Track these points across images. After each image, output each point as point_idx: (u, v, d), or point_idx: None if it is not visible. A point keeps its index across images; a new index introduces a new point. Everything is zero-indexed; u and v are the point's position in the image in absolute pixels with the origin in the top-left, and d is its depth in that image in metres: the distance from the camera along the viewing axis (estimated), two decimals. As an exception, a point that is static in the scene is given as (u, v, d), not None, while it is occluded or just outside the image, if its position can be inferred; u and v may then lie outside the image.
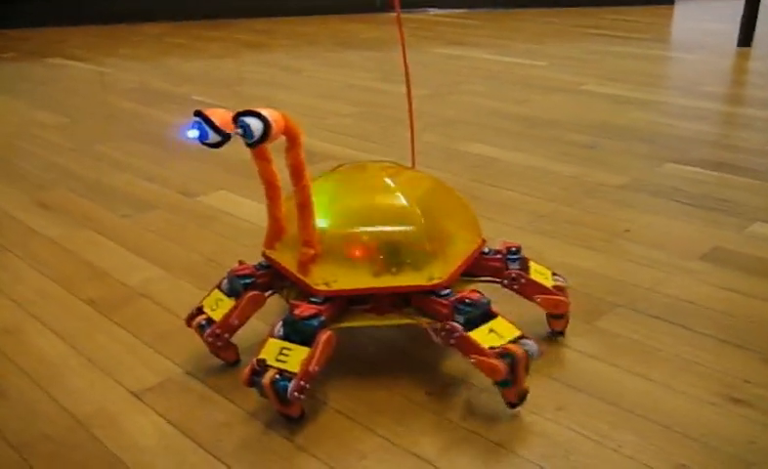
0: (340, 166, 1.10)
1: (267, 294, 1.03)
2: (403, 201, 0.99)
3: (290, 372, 0.88)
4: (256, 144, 0.86)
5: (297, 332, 0.91)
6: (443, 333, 0.93)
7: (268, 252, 1.03)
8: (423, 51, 3.44)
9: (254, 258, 1.08)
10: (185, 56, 3.36)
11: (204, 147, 0.86)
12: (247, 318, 1.00)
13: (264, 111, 0.86)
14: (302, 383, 0.87)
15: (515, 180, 1.73)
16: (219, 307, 1.01)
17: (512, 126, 2.18)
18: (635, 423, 0.91)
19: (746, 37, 3.45)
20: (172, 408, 0.95)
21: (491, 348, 0.89)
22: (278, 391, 0.88)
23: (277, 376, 0.88)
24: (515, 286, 1.04)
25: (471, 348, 0.90)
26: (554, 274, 1.09)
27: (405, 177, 1.06)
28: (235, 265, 1.05)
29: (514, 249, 1.06)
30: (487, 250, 1.08)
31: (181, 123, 2.23)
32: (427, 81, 2.80)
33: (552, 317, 1.08)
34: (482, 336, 0.91)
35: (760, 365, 1.02)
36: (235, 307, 0.99)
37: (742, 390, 0.97)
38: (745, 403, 0.95)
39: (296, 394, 0.87)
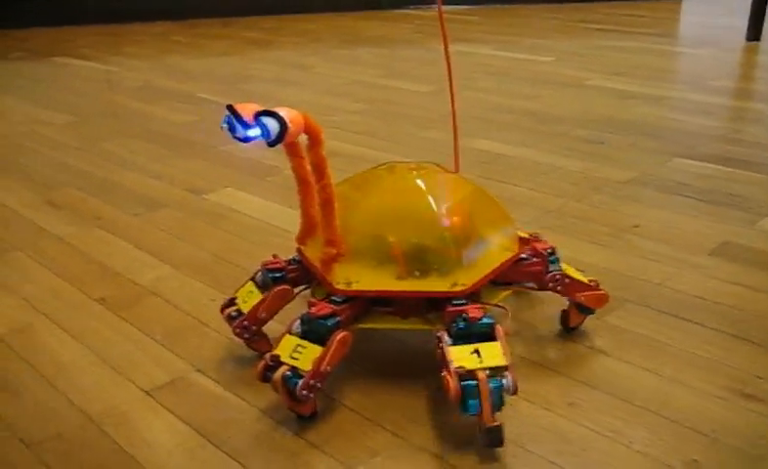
0: (382, 165, 1.09)
1: (297, 290, 1.03)
2: (432, 205, 0.98)
3: (302, 370, 0.88)
4: (273, 143, 0.87)
5: (312, 331, 0.92)
6: (437, 341, 0.92)
7: (301, 247, 1.04)
8: (429, 47, 3.44)
9: (261, 256, 1.08)
10: (190, 54, 3.36)
11: (235, 139, 0.87)
12: (275, 311, 1.01)
13: (281, 111, 0.86)
14: (311, 381, 0.88)
15: (522, 175, 1.73)
16: (249, 299, 1.02)
17: (519, 122, 2.18)
18: (647, 419, 0.91)
19: (754, 31, 3.44)
20: (183, 406, 0.95)
21: (459, 368, 0.86)
22: (289, 388, 0.88)
23: (289, 373, 0.88)
24: (559, 287, 1.04)
25: (443, 362, 0.88)
26: (578, 270, 1.09)
27: (440, 181, 1.04)
28: (269, 257, 1.06)
29: (550, 250, 1.06)
30: (525, 256, 1.06)
31: (189, 120, 2.23)
32: (434, 77, 2.80)
33: (582, 311, 1.08)
34: (460, 354, 0.87)
35: (771, 360, 1.02)
36: (263, 300, 1.00)
37: (752, 385, 0.97)
38: (755, 398, 0.95)
39: (305, 392, 0.87)
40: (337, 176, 0.98)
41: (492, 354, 0.87)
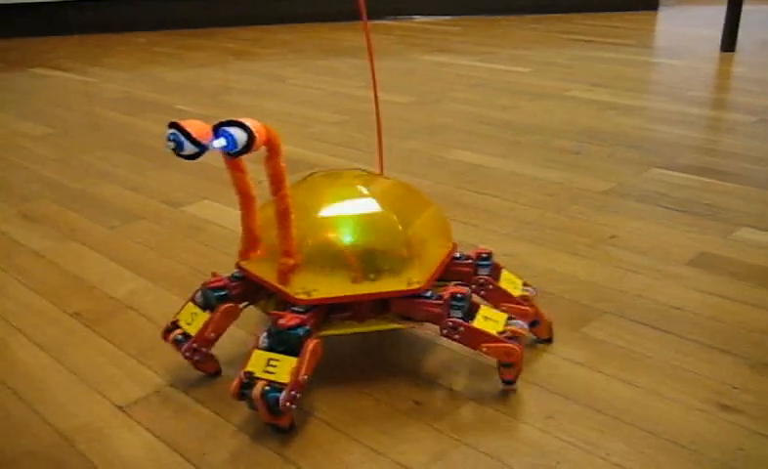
0: (311, 175, 1.10)
1: (241, 306, 1.03)
2: (378, 208, 0.99)
3: (280, 383, 0.88)
4: (240, 153, 0.86)
5: (283, 342, 0.91)
6: (445, 331, 0.94)
7: (243, 263, 1.03)
8: (409, 58, 3.44)
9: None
10: (170, 65, 3.35)
11: (181, 158, 0.86)
12: (223, 330, 1.00)
13: (247, 121, 0.86)
14: (293, 393, 0.87)
15: (501, 186, 1.73)
16: (194, 321, 1.01)
17: (498, 133, 2.19)
18: (624, 431, 0.91)
19: (729, 42, 3.46)
20: (158, 422, 0.94)
21: (500, 333, 0.93)
22: (269, 402, 0.87)
23: (267, 388, 0.88)
24: (482, 292, 1.05)
25: (481, 337, 0.93)
26: (525, 284, 1.09)
27: (376, 183, 1.06)
28: (209, 277, 1.05)
29: (485, 255, 1.06)
30: (458, 255, 1.08)
31: (164, 134, 2.22)
32: (413, 88, 2.80)
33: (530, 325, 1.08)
34: (486, 325, 0.94)
35: (748, 371, 1.02)
36: (210, 320, 0.99)
37: (730, 396, 0.97)
38: (733, 409, 0.95)
39: (288, 404, 0.87)
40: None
41: (494, 314, 0.97)
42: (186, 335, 1.00)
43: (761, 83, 2.80)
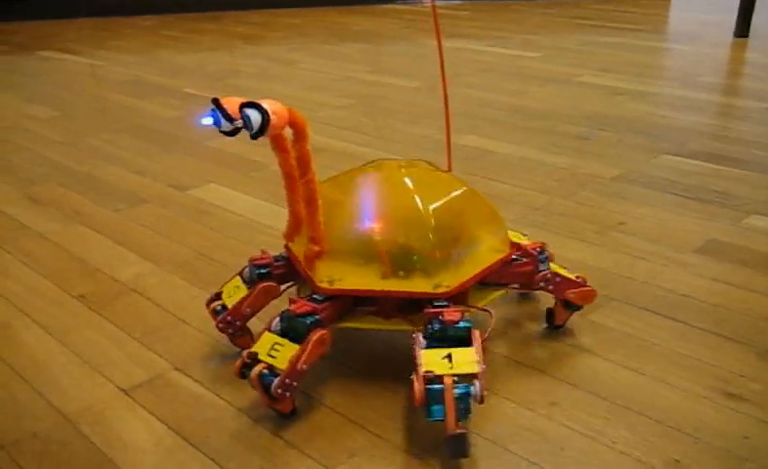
0: (372, 162, 1.07)
1: (284, 286, 1.02)
2: (418, 205, 0.96)
3: (278, 368, 0.87)
4: (256, 135, 0.85)
5: (291, 329, 0.91)
6: (412, 342, 0.91)
7: (289, 244, 1.03)
8: (419, 43, 3.42)
9: (244, 252, 1.07)
10: (178, 48, 3.34)
11: (221, 135, 0.86)
12: (259, 307, 1.00)
13: (264, 103, 0.85)
14: (287, 380, 0.87)
15: (509, 172, 1.72)
16: (234, 294, 1.02)
17: (507, 118, 2.17)
18: (629, 418, 0.90)
19: (742, 28, 3.44)
20: (161, 405, 0.94)
21: (427, 372, 0.83)
22: (265, 386, 0.87)
23: (265, 371, 0.87)
24: (550, 286, 1.03)
25: (413, 365, 0.86)
26: (564, 268, 1.09)
27: (429, 180, 1.02)
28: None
29: (539, 249, 1.05)
30: (515, 257, 1.04)
31: (175, 116, 2.22)
32: (422, 73, 2.78)
33: (568, 308, 1.07)
34: (430, 358, 0.85)
35: (755, 360, 1.01)
36: (248, 296, 0.99)
37: (736, 384, 0.96)
38: (739, 397, 0.94)
39: (280, 390, 0.86)
40: (322, 172, 0.97)
41: (464, 360, 0.85)
42: (224, 307, 1.01)
43: (773, 69, 2.78)
